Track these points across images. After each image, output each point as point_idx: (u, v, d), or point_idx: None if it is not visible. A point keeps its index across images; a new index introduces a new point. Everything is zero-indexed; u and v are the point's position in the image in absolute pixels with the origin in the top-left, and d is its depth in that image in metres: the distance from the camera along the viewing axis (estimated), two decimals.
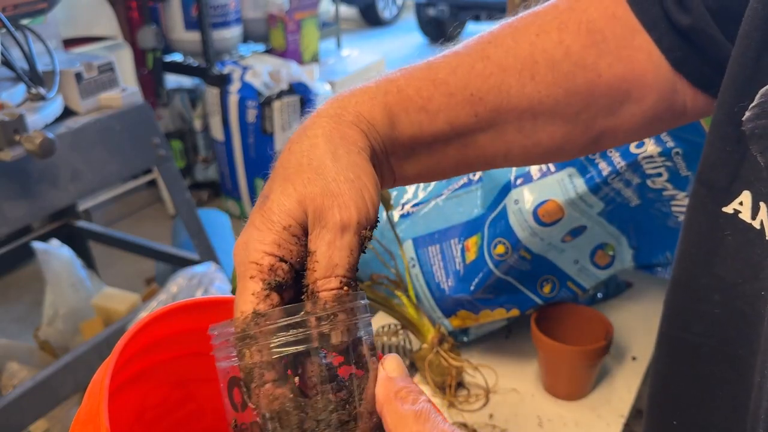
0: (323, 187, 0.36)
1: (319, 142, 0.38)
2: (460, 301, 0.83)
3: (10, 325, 2.38)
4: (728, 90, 0.37)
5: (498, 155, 0.46)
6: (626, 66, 0.44)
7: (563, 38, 0.44)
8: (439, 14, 5.56)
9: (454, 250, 0.84)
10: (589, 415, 0.80)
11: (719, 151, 0.38)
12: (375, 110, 0.41)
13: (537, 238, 0.78)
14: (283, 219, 0.37)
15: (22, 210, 1.30)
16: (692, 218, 0.41)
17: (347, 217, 0.36)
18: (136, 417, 0.44)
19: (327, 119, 0.40)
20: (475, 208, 0.85)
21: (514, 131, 0.45)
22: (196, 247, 1.79)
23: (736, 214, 0.37)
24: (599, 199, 0.78)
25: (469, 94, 0.43)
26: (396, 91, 0.42)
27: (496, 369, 0.84)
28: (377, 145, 0.41)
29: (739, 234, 0.37)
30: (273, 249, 0.36)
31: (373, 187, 0.38)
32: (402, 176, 0.45)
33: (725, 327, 0.39)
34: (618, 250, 0.84)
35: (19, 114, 1.18)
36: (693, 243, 0.41)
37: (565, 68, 0.43)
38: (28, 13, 1.31)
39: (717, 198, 0.38)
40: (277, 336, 0.34)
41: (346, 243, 0.36)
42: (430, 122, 0.43)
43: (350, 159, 0.38)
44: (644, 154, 0.76)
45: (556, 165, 0.78)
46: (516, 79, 0.43)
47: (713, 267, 0.39)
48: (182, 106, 3.12)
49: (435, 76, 0.43)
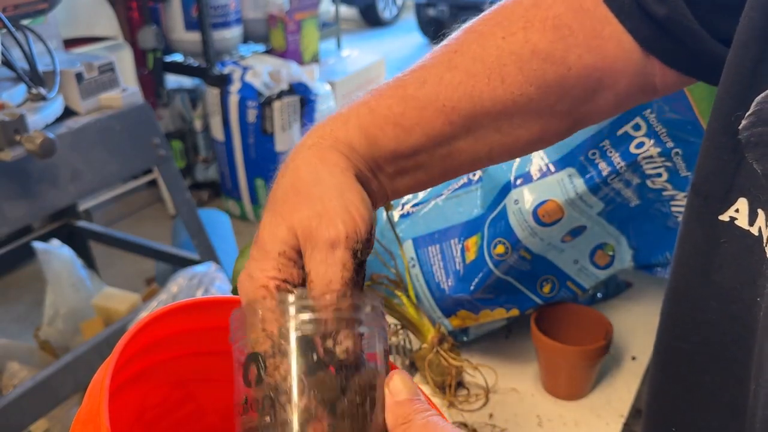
0: (309, 209, 0.38)
1: (301, 170, 0.40)
2: (460, 300, 0.83)
3: (10, 325, 2.38)
4: (724, 100, 0.37)
5: (481, 157, 0.46)
6: (596, 56, 0.44)
7: (529, 37, 0.43)
8: (439, 14, 5.56)
9: (454, 250, 0.84)
10: (588, 415, 0.80)
11: (715, 160, 0.38)
12: (351, 133, 0.42)
13: (537, 238, 0.78)
14: (276, 246, 0.38)
15: (23, 210, 1.30)
16: (688, 228, 0.41)
17: (335, 234, 0.37)
18: (136, 417, 0.44)
19: (306, 149, 0.41)
20: (474, 208, 0.85)
21: (493, 132, 0.45)
22: (197, 247, 1.79)
23: (733, 222, 0.37)
24: (599, 199, 0.78)
25: (441, 105, 0.43)
26: (368, 111, 0.43)
27: (496, 369, 0.84)
28: (361, 165, 0.42)
29: (737, 241, 0.37)
30: (275, 273, 0.38)
31: (360, 201, 0.39)
32: (394, 191, 0.45)
33: (722, 333, 0.39)
34: (618, 250, 0.84)
35: (20, 114, 1.18)
36: (689, 253, 0.41)
37: (534, 66, 0.43)
38: (28, 13, 1.31)
39: (713, 207, 0.38)
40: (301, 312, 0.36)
41: (338, 259, 0.37)
42: (407, 136, 0.43)
43: (334, 179, 0.39)
44: (644, 154, 0.76)
45: (556, 165, 0.78)
46: (486, 84, 0.43)
47: (710, 275, 0.39)
48: (182, 106, 3.12)
49: (404, 93, 0.44)
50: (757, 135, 0.35)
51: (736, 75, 0.37)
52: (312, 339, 0.36)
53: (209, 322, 0.43)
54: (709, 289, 0.39)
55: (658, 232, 0.83)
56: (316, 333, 0.36)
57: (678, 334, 0.43)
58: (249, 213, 3.10)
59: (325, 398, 0.35)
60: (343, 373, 0.35)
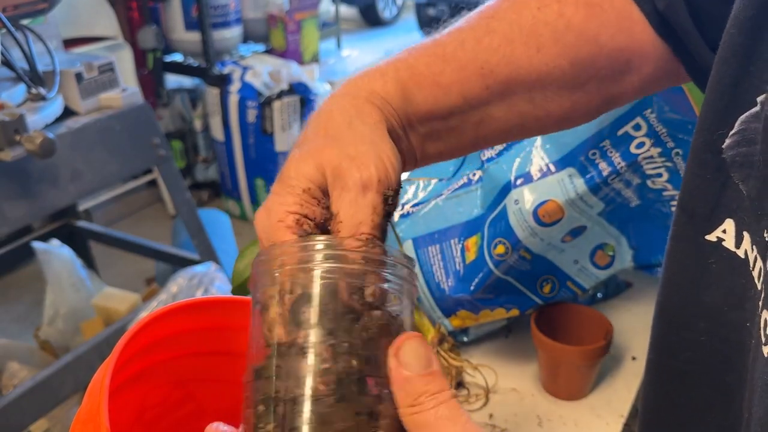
0: (340, 150, 0.36)
1: (335, 114, 0.39)
2: (460, 301, 0.83)
3: (10, 325, 2.38)
4: (707, 116, 0.37)
5: (512, 127, 0.46)
6: (627, 37, 0.44)
7: (564, 11, 0.44)
8: (439, 14, 5.55)
9: (454, 250, 0.84)
10: (588, 415, 0.80)
11: (699, 178, 0.38)
12: (388, 86, 0.41)
13: (537, 238, 0.78)
14: (302, 182, 0.36)
15: (23, 210, 1.30)
16: (675, 246, 0.41)
17: (367, 176, 0.35)
18: (136, 417, 0.44)
19: (341, 97, 0.40)
20: (474, 208, 0.85)
21: (525, 102, 0.45)
22: (196, 247, 1.79)
23: (720, 242, 0.37)
24: (599, 200, 0.78)
25: (479, 66, 0.43)
26: (406, 67, 0.42)
27: (495, 369, 0.84)
28: (394, 120, 0.41)
29: (724, 262, 0.37)
30: (295, 208, 0.36)
31: (392, 152, 0.37)
32: (424, 154, 0.45)
33: (711, 354, 0.39)
34: (618, 250, 0.84)
35: (20, 114, 1.18)
36: (677, 271, 0.41)
37: (568, 40, 0.43)
38: (28, 13, 1.31)
39: (699, 226, 0.38)
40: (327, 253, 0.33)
41: (369, 201, 0.35)
42: (444, 95, 0.43)
43: (366, 128, 0.38)
44: (644, 154, 0.76)
45: (557, 165, 0.78)
46: (523, 50, 0.43)
47: (698, 295, 0.39)
48: (182, 106, 3.12)
49: (443, 51, 0.43)
50: (742, 155, 0.35)
51: (717, 92, 0.36)
52: (337, 284, 0.33)
53: (209, 322, 0.43)
54: (697, 309, 0.39)
55: (658, 232, 0.83)
56: (342, 278, 0.33)
57: (667, 350, 0.43)
58: (249, 213, 3.10)
59: (348, 347, 0.32)
60: (367, 320, 0.33)
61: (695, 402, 0.41)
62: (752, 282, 0.35)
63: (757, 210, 0.34)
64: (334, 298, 0.33)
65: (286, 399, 0.32)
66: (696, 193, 0.38)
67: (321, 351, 0.32)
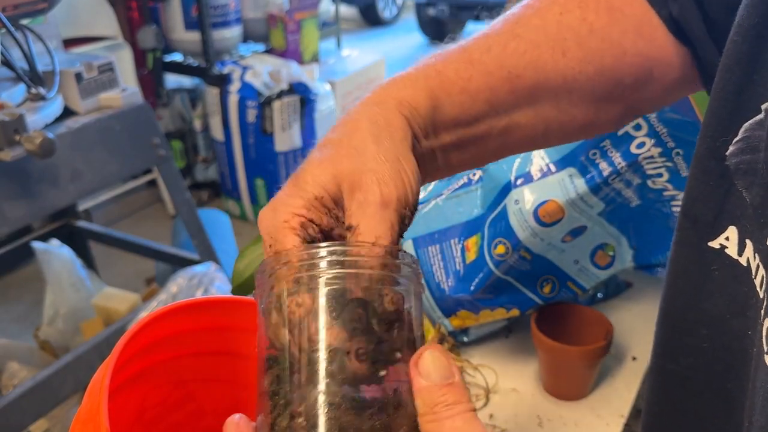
0: (362, 164, 0.36)
1: (363, 126, 0.38)
2: (460, 301, 0.83)
3: (10, 325, 2.38)
4: (710, 124, 0.37)
5: (537, 134, 0.46)
6: (648, 43, 0.44)
7: (585, 16, 0.44)
8: (439, 14, 5.55)
9: (454, 250, 0.84)
10: (589, 415, 0.80)
11: (702, 185, 0.38)
12: (418, 95, 0.41)
13: (537, 238, 0.78)
14: (315, 189, 0.36)
15: (22, 210, 1.30)
16: (678, 252, 0.41)
17: (387, 193, 0.35)
18: (136, 417, 0.44)
19: (371, 106, 0.40)
20: (475, 208, 0.85)
21: (551, 108, 0.45)
22: (196, 247, 1.79)
23: (723, 250, 0.37)
24: (599, 200, 0.78)
25: (506, 72, 0.43)
26: (435, 74, 0.42)
27: (496, 369, 0.84)
28: (420, 131, 0.41)
29: (726, 269, 0.37)
30: (303, 212, 0.36)
31: (412, 172, 0.38)
32: (446, 164, 0.45)
33: (713, 361, 0.39)
34: (618, 250, 0.83)
35: (19, 114, 1.18)
36: (680, 276, 0.41)
37: (593, 45, 0.44)
38: (28, 13, 1.31)
39: (702, 232, 0.38)
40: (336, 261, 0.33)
41: (387, 217, 0.35)
42: (472, 103, 0.43)
43: (392, 144, 0.38)
44: (645, 154, 0.76)
45: (557, 165, 0.78)
46: (550, 55, 0.43)
47: (700, 302, 0.39)
48: (182, 106, 3.12)
49: (471, 57, 0.43)
50: (746, 163, 0.35)
51: (721, 99, 0.36)
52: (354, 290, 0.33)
53: (209, 322, 0.43)
54: (700, 316, 0.39)
55: (658, 232, 0.83)
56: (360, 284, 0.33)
57: (670, 355, 0.43)
58: (249, 213, 3.10)
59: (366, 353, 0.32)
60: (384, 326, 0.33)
61: (697, 408, 0.41)
62: (754, 290, 0.35)
63: (760, 218, 0.34)
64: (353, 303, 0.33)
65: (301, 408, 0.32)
66: (699, 200, 0.38)
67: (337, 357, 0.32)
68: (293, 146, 2.86)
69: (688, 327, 0.40)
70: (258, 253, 0.74)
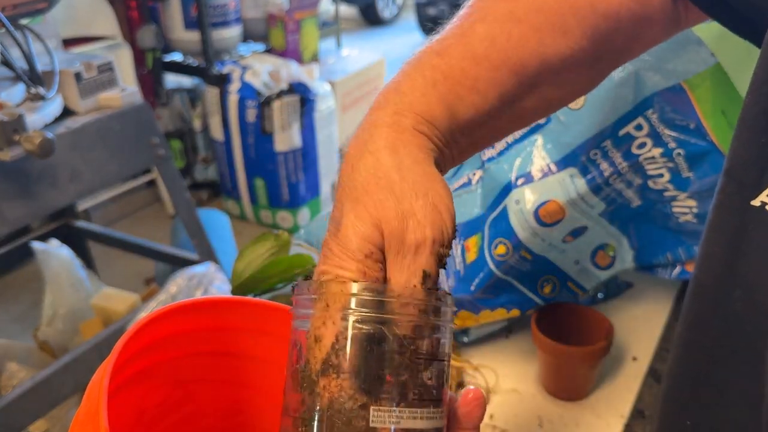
0: (396, 208, 0.35)
1: (383, 156, 0.37)
2: (460, 301, 0.83)
3: (9, 325, 2.38)
4: (761, 74, 0.36)
5: (539, 113, 0.47)
6: (642, 6, 0.44)
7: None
8: (439, 13, 5.56)
9: (454, 250, 0.84)
10: (589, 415, 0.80)
11: (749, 144, 0.37)
12: (432, 106, 0.40)
13: (538, 238, 0.77)
14: (363, 246, 0.35)
15: (22, 210, 1.30)
16: (716, 216, 0.40)
17: (422, 237, 0.35)
18: (135, 417, 0.44)
19: (386, 129, 0.38)
20: (475, 208, 0.85)
21: (554, 89, 0.45)
22: (196, 247, 1.79)
23: (763, 207, 0.36)
24: (600, 200, 0.78)
25: (512, 64, 0.42)
26: (443, 78, 0.41)
27: (496, 369, 0.84)
28: (440, 143, 0.40)
29: (765, 228, 0.36)
30: (359, 276, 0.35)
31: (446, 194, 0.37)
32: (460, 157, 0.45)
33: (744, 322, 0.38)
34: (619, 250, 0.83)
35: (19, 114, 1.18)
36: (715, 241, 0.40)
37: (591, 21, 0.44)
38: (27, 12, 1.31)
39: (745, 192, 0.37)
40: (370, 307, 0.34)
41: (421, 265, 0.35)
42: (483, 102, 0.42)
43: (418, 169, 0.37)
44: (646, 155, 0.76)
45: (558, 165, 0.78)
46: (551, 38, 0.43)
47: (737, 267, 0.38)
48: (182, 105, 3.12)
49: (474, 52, 0.42)
50: None
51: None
52: (389, 335, 0.34)
53: (209, 322, 0.43)
54: (734, 279, 0.38)
55: (659, 232, 0.83)
56: (396, 329, 0.34)
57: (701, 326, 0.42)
58: (248, 213, 3.10)
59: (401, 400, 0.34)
60: (421, 365, 0.34)
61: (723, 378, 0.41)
62: None
63: None
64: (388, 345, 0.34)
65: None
66: (746, 159, 0.37)
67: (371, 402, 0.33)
68: (293, 146, 2.86)
69: (722, 292, 0.39)
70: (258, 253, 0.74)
